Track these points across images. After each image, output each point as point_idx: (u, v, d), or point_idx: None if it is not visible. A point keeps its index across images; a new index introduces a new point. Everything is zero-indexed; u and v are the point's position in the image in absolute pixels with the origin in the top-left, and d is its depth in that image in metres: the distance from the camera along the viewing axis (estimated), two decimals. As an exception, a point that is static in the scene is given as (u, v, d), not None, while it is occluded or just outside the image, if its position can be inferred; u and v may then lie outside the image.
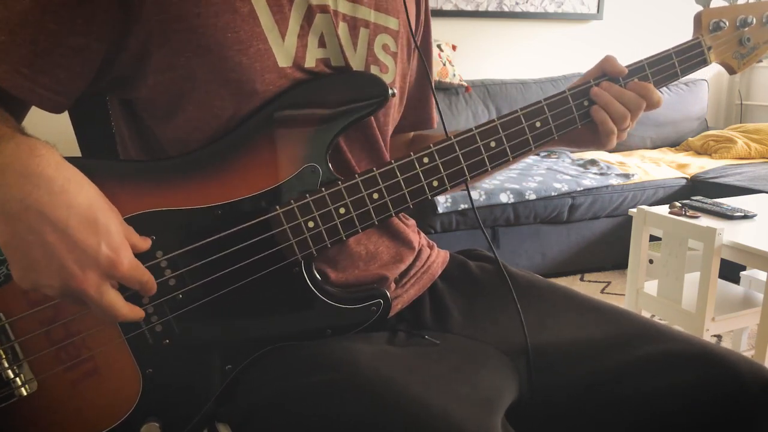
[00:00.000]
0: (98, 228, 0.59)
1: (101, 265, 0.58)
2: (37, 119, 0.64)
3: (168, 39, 0.66)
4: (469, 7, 3.62)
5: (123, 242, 0.61)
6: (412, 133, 1.01)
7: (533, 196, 2.83)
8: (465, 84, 3.45)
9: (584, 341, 0.78)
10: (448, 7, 3.57)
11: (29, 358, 0.66)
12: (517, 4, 3.71)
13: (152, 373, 0.69)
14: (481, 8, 3.65)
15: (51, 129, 0.62)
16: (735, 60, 0.92)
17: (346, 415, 0.64)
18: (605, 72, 0.85)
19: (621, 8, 3.92)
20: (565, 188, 2.89)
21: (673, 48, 0.87)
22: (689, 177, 3.20)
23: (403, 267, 0.85)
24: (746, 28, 0.90)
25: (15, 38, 0.62)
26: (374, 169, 0.73)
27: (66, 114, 0.77)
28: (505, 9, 3.70)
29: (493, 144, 0.77)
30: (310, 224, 0.71)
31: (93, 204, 0.60)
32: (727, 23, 0.89)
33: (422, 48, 0.92)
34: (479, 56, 3.71)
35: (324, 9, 0.73)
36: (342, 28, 0.75)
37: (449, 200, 2.67)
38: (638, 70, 0.85)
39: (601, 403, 0.75)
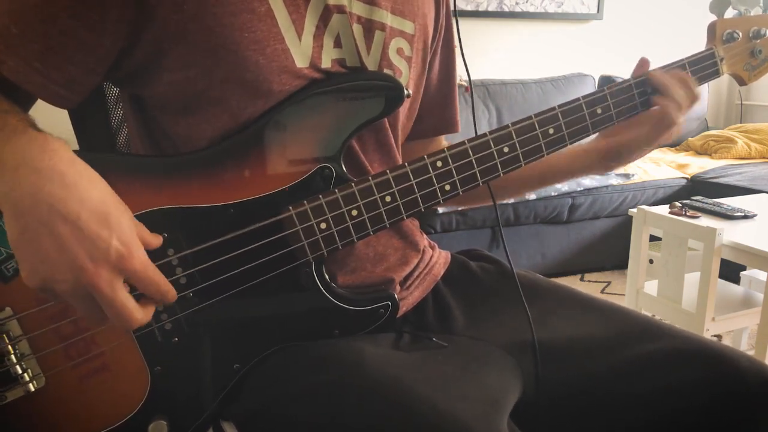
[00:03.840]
0: (110, 222, 0.58)
1: (112, 259, 0.58)
2: (34, 113, 0.64)
3: (184, 38, 0.66)
4: (469, 7, 3.62)
5: (134, 238, 0.60)
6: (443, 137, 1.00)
7: (533, 196, 2.83)
8: (465, 84, 3.45)
9: (586, 340, 0.79)
10: (448, 7, 3.57)
11: (38, 354, 0.66)
12: (517, 4, 3.71)
13: (161, 371, 0.69)
14: (481, 8, 3.65)
15: (48, 124, 0.61)
16: (746, 71, 0.93)
17: (352, 415, 0.64)
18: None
19: (621, 8, 3.92)
20: (565, 188, 2.89)
21: (686, 58, 0.88)
22: (689, 177, 3.20)
23: (408, 269, 0.85)
24: (759, 40, 0.91)
25: (27, 32, 0.62)
26: (387, 171, 0.73)
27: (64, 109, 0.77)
28: (505, 9, 3.70)
29: (506, 150, 0.78)
30: (323, 225, 0.71)
31: (105, 199, 0.59)
32: (741, 34, 0.90)
33: (444, 49, 0.92)
34: (479, 56, 3.71)
35: (341, 9, 0.73)
36: (356, 30, 0.75)
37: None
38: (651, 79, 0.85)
39: (603, 402, 0.75)
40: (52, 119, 0.63)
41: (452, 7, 0.89)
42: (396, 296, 0.78)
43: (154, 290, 0.62)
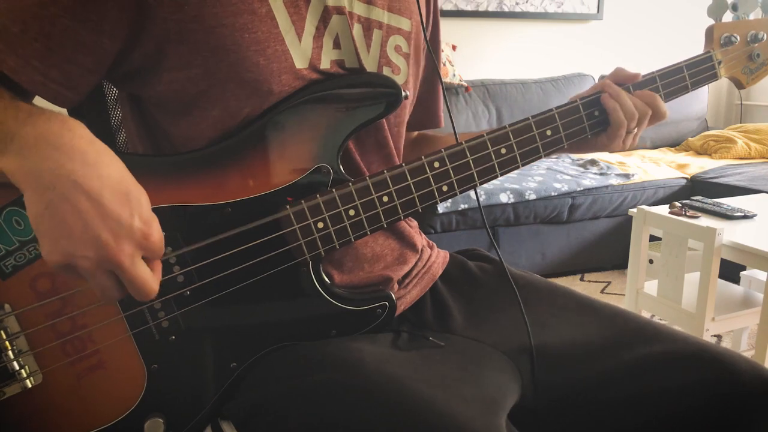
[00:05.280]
0: (130, 200, 0.59)
1: (135, 235, 0.58)
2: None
3: (185, 38, 0.66)
4: (469, 7, 3.62)
5: (153, 216, 0.61)
6: (415, 133, 1.01)
7: (533, 196, 2.83)
8: (465, 84, 3.45)
9: (583, 342, 0.79)
10: (448, 7, 3.57)
11: (35, 350, 0.66)
12: (517, 4, 3.72)
13: (157, 369, 0.69)
14: (481, 8, 3.65)
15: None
16: (744, 75, 0.93)
17: (350, 415, 0.64)
18: (617, 80, 0.86)
19: (621, 8, 3.92)
20: (565, 188, 2.89)
21: (684, 61, 0.88)
22: (689, 177, 3.20)
23: (406, 268, 0.85)
24: (756, 44, 0.91)
25: (28, 31, 0.62)
26: (385, 171, 0.73)
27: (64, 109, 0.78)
28: (505, 9, 3.70)
29: (503, 151, 0.78)
30: (320, 225, 0.71)
31: (124, 178, 0.60)
32: (738, 38, 0.90)
33: (432, 47, 0.93)
34: (479, 56, 3.71)
35: (340, 10, 0.73)
36: (356, 30, 0.75)
37: (449, 200, 2.68)
38: (649, 81, 0.86)
39: (600, 404, 0.75)
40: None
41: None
42: (393, 296, 0.78)
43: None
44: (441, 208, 2.68)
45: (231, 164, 0.70)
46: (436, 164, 0.75)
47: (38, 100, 0.69)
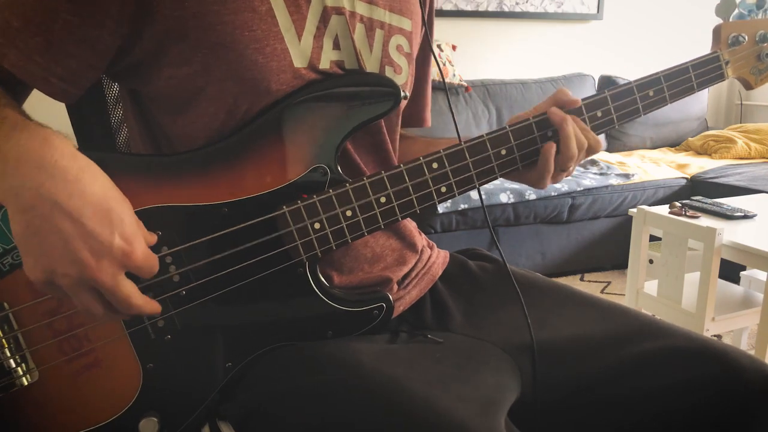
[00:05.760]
0: (112, 218, 0.59)
1: (115, 254, 0.58)
2: (34, 112, 0.64)
3: (185, 35, 0.66)
4: (469, 7, 3.62)
5: (136, 232, 0.61)
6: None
7: (533, 196, 2.83)
8: (465, 84, 3.45)
9: (585, 339, 0.78)
10: (448, 7, 3.57)
11: (32, 348, 0.66)
12: (517, 4, 3.72)
13: (153, 368, 0.69)
14: (481, 8, 3.65)
15: (48, 121, 0.61)
16: (752, 75, 0.91)
17: (348, 415, 0.63)
18: (560, 104, 0.81)
19: (621, 8, 3.92)
20: (565, 188, 2.89)
21: (690, 61, 0.86)
22: (689, 177, 3.20)
23: (406, 269, 0.85)
24: (765, 43, 0.90)
25: (29, 26, 0.62)
26: (382, 172, 0.73)
27: (63, 106, 0.77)
28: (505, 9, 3.70)
29: (503, 152, 0.77)
30: (317, 226, 0.71)
31: (107, 194, 0.60)
32: (747, 38, 0.88)
33: (423, 47, 0.93)
34: (479, 56, 3.72)
35: (339, 11, 0.73)
36: (359, 30, 0.75)
37: (449, 200, 2.68)
38: (654, 82, 0.84)
39: (602, 401, 0.75)
40: (51, 119, 0.63)
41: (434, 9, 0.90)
42: (391, 297, 0.78)
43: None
44: (441, 208, 2.69)
45: (229, 164, 0.70)
46: (435, 165, 0.75)
47: (38, 96, 0.69)
